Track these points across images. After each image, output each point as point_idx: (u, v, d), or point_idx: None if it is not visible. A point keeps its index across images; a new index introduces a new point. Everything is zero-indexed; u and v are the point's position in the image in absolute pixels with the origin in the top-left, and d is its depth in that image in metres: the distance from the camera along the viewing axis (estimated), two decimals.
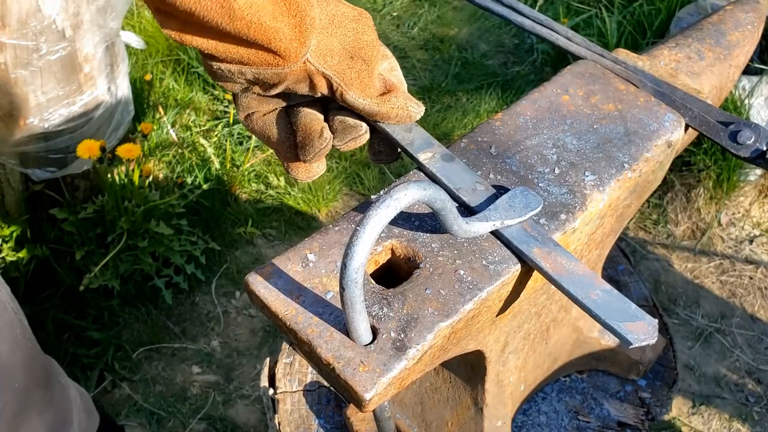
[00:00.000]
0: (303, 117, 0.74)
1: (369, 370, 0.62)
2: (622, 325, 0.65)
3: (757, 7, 1.03)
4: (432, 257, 0.71)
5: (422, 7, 3.03)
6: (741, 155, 0.85)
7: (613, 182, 0.79)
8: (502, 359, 0.92)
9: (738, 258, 2.15)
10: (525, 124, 0.84)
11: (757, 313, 2.04)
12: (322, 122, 0.74)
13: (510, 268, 0.71)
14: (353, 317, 0.62)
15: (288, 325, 0.66)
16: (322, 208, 2.27)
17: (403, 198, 0.58)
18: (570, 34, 0.96)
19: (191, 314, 2.03)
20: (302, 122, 0.73)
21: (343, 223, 0.74)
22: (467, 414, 0.98)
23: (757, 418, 1.83)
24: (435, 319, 0.66)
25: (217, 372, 1.93)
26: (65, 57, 1.63)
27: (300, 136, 0.74)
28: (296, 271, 0.70)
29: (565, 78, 0.90)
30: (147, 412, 1.84)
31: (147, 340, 1.96)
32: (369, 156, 0.83)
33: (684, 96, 0.88)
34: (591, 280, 0.68)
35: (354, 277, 0.58)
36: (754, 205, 2.23)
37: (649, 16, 2.45)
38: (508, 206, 0.73)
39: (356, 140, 0.75)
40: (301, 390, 1.19)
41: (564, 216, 0.75)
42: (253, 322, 2.03)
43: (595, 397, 1.20)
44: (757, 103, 2.10)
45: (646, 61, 0.94)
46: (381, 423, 0.91)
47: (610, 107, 0.86)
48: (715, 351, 1.96)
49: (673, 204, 2.23)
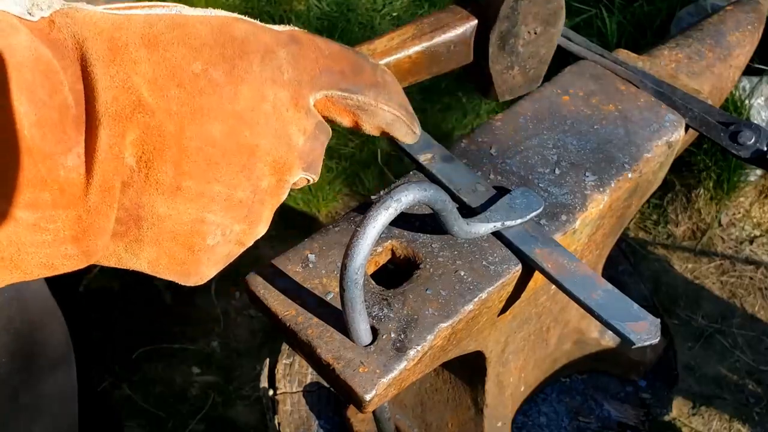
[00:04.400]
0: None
1: (369, 370, 0.62)
2: (624, 325, 0.65)
3: (758, 7, 1.03)
4: (432, 258, 0.71)
5: (422, 8, 3.03)
6: (741, 156, 0.85)
7: (614, 183, 0.79)
8: (502, 360, 0.92)
9: (738, 258, 2.14)
10: (525, 125, 0.84)
11: (758, 313, 2.04)
12: None
13: (510, 268, 0.70)
14: (353, 318, 0.62)
15: (288, 325, 0.66)
16: (322, 209, 2.27)
17: (404, 199, 0.58)
18: (570, 35, 0.96)
19: (191, 315, 2.03)
20: None
21: (343, 223, 0.74)
22: (467, 415, 0.98)
23: (758, 419, 1.83)
24: (435, 319, 0.66)
25: (217, 372, 1.93)
26: None
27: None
28: (296, 271, 0.70)
29: (565, 78, 0.90)
30: (147, 412, 1.84)
31: (147, 340, 1.96)
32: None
33: (684, 96, 0.88)
34: (592, 280, 0.68)
35: (354, 278, 0.58)
36: (755, 206, 2.23)
37: (649, 17, 2.45)
38: (509, 207, 0.73)
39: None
40: (300, 391, 1.19)
41: (564, 217, 0.75)
42: (253, 323, 2.03)
43: (596, 398, 1.20)
44: (758, 104, 2.10)
45: (647, 61, 0.93)
46: (381, 424, 0.91)
47: (611, 107, 0.86)
48: (715, 351, 1.96)
49: (673, 204, 2.23)
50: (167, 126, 0.47)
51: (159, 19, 0.49)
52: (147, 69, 0.47)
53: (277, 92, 0.52)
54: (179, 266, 0.53)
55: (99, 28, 0.46)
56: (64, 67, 0.44)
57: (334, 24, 2.82)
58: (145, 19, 0.48)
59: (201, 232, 0.52)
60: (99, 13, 0.47)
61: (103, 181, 0.45)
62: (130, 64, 0.46)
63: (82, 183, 0.45)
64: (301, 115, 0.54)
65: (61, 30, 0.45)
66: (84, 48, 0.45)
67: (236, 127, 0.50)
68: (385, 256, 0.73)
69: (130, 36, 0.47)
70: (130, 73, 0.46)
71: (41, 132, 0.42)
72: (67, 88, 0.44)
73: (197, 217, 0.51)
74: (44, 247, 0.46)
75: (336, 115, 0.58)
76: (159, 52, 0.48)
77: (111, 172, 0.46)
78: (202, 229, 0.52)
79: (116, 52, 0.46)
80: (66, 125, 0.44)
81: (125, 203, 0.48)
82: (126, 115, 0.46)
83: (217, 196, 0.51)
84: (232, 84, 0.50)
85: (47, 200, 0.44)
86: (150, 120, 0.47)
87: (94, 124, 0.45)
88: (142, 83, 0.46)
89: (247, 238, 0.57)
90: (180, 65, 0.48)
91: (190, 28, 0.49)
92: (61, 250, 0.47)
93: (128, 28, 0.47)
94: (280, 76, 0.53)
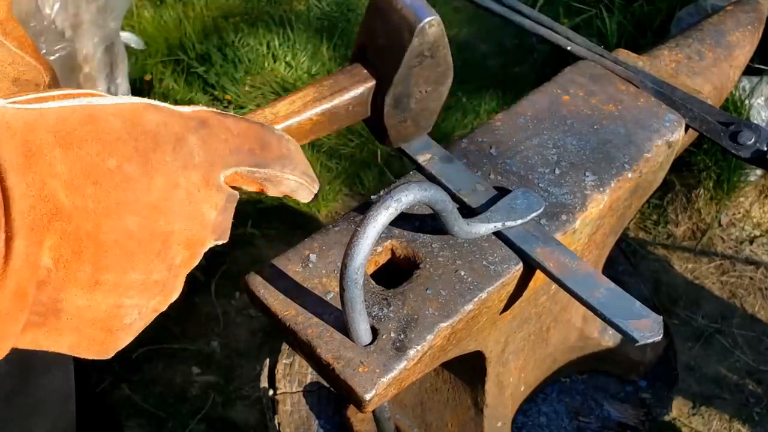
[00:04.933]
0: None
1: (369, 370, 0.62)
2: (627, 323, 0.65)
3: (758, 7, 1.03)
4: (432, 258, 0.71)
5: None
6: (741, 156, 0.85)
7: (614, 183, 0.79)
8: (502, 360, 0.92)
9: (738, 258, 2.14)
10: (525, 125, 0.84)
11: (758, 313, 2.04)
12: None
13: (510, 268, 0.70)
14: (353, 318, 0.62)
15: (288, 325, 0.66)
16: (322, 209, 2.27)
17: (404, 199, 0.58)
18: (570, 35, 0.96)
19: (191, 315, 2.03)
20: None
21: (343, 223, 0.74)
22: (467, 415, 0.98)
23: (758, 419, 1.83)
24: (435, 319, 0.66)
25: (217, 373, 1.93)
26: (65, 57, 1.63)
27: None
28: (296, 271, 0.70)
29: (565, 78, 0.90)
30: (147, 412, 1.84)
31: (146, 340, 1.96)
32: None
33: (684, 96, 0.88)
34: (594, 278, 0.68)
35: (354, 278, 0.58)
36: (755, 206, 2.23)
37: (649, 17, 2.45)
38: (510, 208, 0.73)
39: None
40: (301, 391, 1.19)
41: (564, 217, 0.75)
42: (253, 323, 2.03)
43: (596, 398, 1.20)
44: (758, 104, 2.10)
45: (647, 61, 0.93)
46: (381, 424, 0.91)
47: (611, 107, 0.86)
48: (715, 351, 1.96)
49: (673, 204, 2.23)
50: (84, 226, 0.48)
51: (72, 113, 0.49)
52: (63, 170, 0.47)
53: (188, 176, 0.54)
54: (99, 346, 0.54)
55: (12, 130, 0.46)
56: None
57: (334, 24, 2.82)
58: (58, 116, 0.48)
59: (119, 315, 0.54)
60: (10, 111, 0.46)
61: (17, 288, 0.46)
62: (45, 167, 0.46)
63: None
64: (212, 193, 0.56)
65: None
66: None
67: (151, 217, 0.52)
68: (385, 256, 0.73)
69: (43, 136, 0.46)
70: (46, 177, 0.46)
71: None
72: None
73: (115, 304, 0.52)
74: None
75: (243, 185, 0.60)
76: (74, 150, 0.48)
77: (25, 279, 0.46)
78: (120, 313, 0.53)
79: (30, 157, 0.45)
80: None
81: (43, 299, 0.49)
82: (43, 225, 0.46)
83: (134, 282, 0.53)
84: (146, 176, 0.51)
85: None
86: (67, 226, 0.47)
87: (9, 235, 0.45)
88: (58, 186, 0.46)
89: (162, 305, 0.58)
90: (95, 162, 0.48)
91: (103, 122, 0.50)
92: None
93: (42, 126, 0.47)
94: (191, 160, 0.54)
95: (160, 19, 2.77)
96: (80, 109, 0.49)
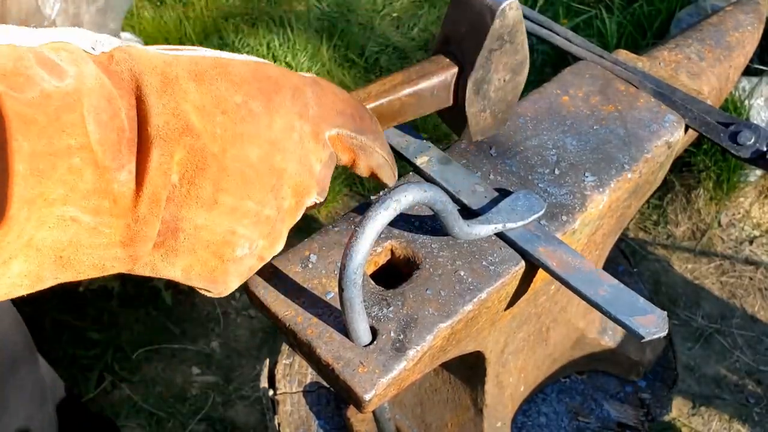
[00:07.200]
0: None
1: (368, 370, 0.62)
2: (632, 320, 0.65)
3: (757, 8, 1.03)
4: (432, 258, 0.71)
5: (422, 8, 3.03)
6: (741, 156, 0.85)
7: (613, 183, 0.79)
8: (501, 360, 0.92)
9: (738, 259, 2.14)
10: (525, 125, 0.84)
11: (757, 313, 2.04)
12: None
13: (510, 268, 0.70)
14: (352, 318, 0.62)
15: (287, 325, 0.66)
16: (322, 209, 2.27)
17: (403, 199, 0.58)
18: (570, 35, 0.96)
19: (191, 315, 2.03)
20: None
21: (342, 223, 0.74)
22: (467, 415, 0.98)
23: (757, 419, 1.83)
24: (435, 319, 0.66)
25: (217, 373, 1.93)
26: None
27: None
28: (296, 271, 0.70)
29: (565, 79, 0.90)
30: (146, 413, 1.84)
31: (146, 340, 1.96)
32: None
33: (684, 97, 0.88)
34: (598, 276, 0.68)
35: (353, 278, 0.58)
36: (754, 206, 2.23)
37: (649, 17, 2.45)
38: (511, 209, 0.73)
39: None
40: (300, 391, 1.19)
41: (564, 217, 0.75)
42: (253, 323, 2.03)
43: (595, 398, 1.20)
44: (757, 104, 2.10)
45: (646, 62, 0.93)
46: (381, 424, 0.91)
47: (610, 108, 0.86)
48: (715, 352, 1.96)
49: (673, 205, 2.23)
50: (211, 147, 0.54)
51: (203, 59, 0.56)
52: (195, 98, 0.53)
53: (302, 125, 0.60)
54: (210, 273, 0.58)
55: (152, 63, 0.53)
56: (121, 95, 0.51)
57: (334, 24, 2.82)
58: (191, 59, 0.55)
59: (232, 243, 0.58)
60: (151, 52, 0.54)
61: (152, 194, 0.52)
62: (180, 93, 0.53)
63: (131, 196, 0.51)
64: (319, 147, 0.62)
65: (119, 64, 0.52)
66: (139, 80, 0.52)
67: (270, 152, 0.58)
68: (385, 257, 0.73)
69: (179, 71, 0.54)
70: (180, 101, 0.53)
71: (103, 149, 0.49)
72: (124, 114, 0.50)
73: (230, 229, 0.57)
74: (99, 249, 0.52)
75: (339, 151, 0.65)
76: (205, 84, 0.54)
77: (159, 186, 0.52)
78: (233, 240, 0.58)
79: (168, 84, 0.53)
80: (121, 145, 0.50)
81: (165, 216, 0.54)
82: (175, 138, 0.52)
83: (249, 211, 0.57)
84: (268, 114, 0.57)
85: (106, 207, 0.50)
86: (195, 142, 0.53)
87: (146, 145, 0.51)
88: (190, 110, 0.53)
89: (267, 253, 0.62)
90: (223, 96, 0.55)
91: (231, 67, 0.57)
92: (112, 253, 0.52)
93: (177, 65, 0.54)
94: (306, 111, 0.60)
95: (160, 20, 2.77)
96: (210, 57, 0.56)
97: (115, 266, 0.54)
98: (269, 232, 0.60)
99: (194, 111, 0.53)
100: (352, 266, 0.58)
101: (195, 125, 0.53)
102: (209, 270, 0.58)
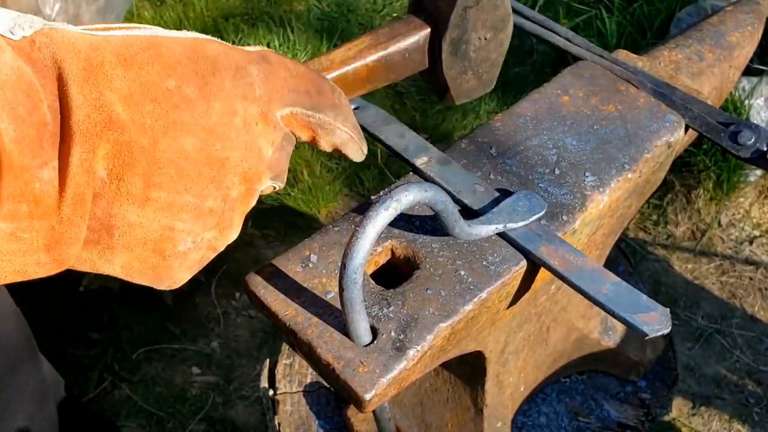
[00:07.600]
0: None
1: (369, 370, 0.62)
2: (636, 317, 0.65)
3: (757, 8, 1.03)
4: (432, 258, 0.71)
5: None
6: (741, 156, 0.85)
7: (613, 183, 0.79)
8: (501, 360, 0.92)
9: (738, 259, 2.14)
10: (525, 125, 0.84)
11: (757, 313, 2.04)
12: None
13: (511, 268, 0.70)
14: (353, 317, 0.62)
15: (288, 325, 0.66)
16: (322, 209, 2.27)
17: (404, 199, 0.58)
18: (570, 35, 0.96)
19: (191, 315, 2.03)
20: None
21: (343, 223, 0.74)
22: (467, 415, 0.98)
23: (757, 419, 1.83)
24: (435, 319, 0.66)
25: (217, 373, 1.93)
26: None
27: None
28: (296, 271, 0.70)
29: (565, 79, 0.90)
30: (146, 413, 1.84)
31: (147, 340, 1.96)
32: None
33: (684, 97, 0.88)
34: (600, 274, 0.68)
35: (353, 278, 0.58)
36: (754, 206, 2.23)
37: (649, 17, 2.45)
38: (512, 209, 0.73)
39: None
40: (301, 391, 1.19)
41: (564, 217, 0.75)
42: (253, 323, 2.03)
43: (595, 398, 1.20)
44: (757, 104, 2.10)
45: (646, 61, 0.93)
46: (381, 424, 0.91)
47: (610, 108, 0.86)
48: (715, 352, 1.96)
49: (673, 205, 2.23)
50: (139, 140, 0.50)
51: (135, 40, 0.51)
52: (122, 86, 0.49)
53: (247, 107, 0.55)
54: (151, 270, 0.55)
55: (76, 48, 0.48)
56: (44, 85, 0.46)
57: (334, 24, 2.82)
58: (122, 40, 0.50)
59: (171, 238, 0.54)
60: (77, 34, 0.49)
61: (75, 193, 0.48)
62: (105, 81, 0.48)
63: (55, 195, 0.47)
64: (270, 129, 0.57)
65: (41, 50, 0.47)
66: (61, 68, 0.47)
67: (208, 141, 0.53)
68: (385, 257, 0.73)
69: (106, 55, 0.49)
70: (104, 90, 0.48)
71: (20, 147, 0.45)
72: (46, 106, 0.46)
73: (167, 225, 0.53)
74: (19, 256, 0.48)
75: (297, 130, 0.61)
76: (134, 70, 0.50)
77: (83, 185, 0.48)
78: (173, 236, 0.54)
79: (91, 71, 0.48)
80: (43, 141, 0.46)
81: (97, 213, 0.50)
82: (97, 132, 0.48)
83: (187, 205, 0.53)
84: (204, 99, 0.52)
85: (24, 212, 0.46)
86: (120, 136, 0.49)
87: (67, 141, 0.47)
88: (115, 100, 0.49)
89: (219, 243, 0.59)
90: (154, 82, 0.50)
91: (164, 48, 0.52)
92: (35, 258, 0.49)
93: (105, 48, 0.49)
94: (252, 92, 0.55)
95: (160, 20, 2.77)
96: (144, 37, 0.51)
97: (39, 272, 0.50)
98: (216, 223, 0.56)
99: (120, 101, 0.49)
100: (352, 266, 0.58)
101: (120, 117, 0.49)
102: (150, 267, 0.55)
